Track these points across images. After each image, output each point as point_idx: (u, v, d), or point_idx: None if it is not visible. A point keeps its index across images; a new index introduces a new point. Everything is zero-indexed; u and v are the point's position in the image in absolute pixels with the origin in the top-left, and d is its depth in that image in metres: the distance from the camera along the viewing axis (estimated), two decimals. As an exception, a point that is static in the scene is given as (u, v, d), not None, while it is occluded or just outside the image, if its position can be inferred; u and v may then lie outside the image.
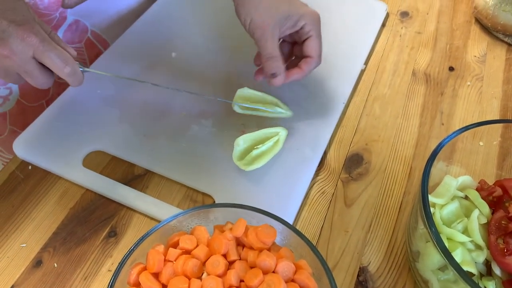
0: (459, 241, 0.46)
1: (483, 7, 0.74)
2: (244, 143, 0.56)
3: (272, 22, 0.54)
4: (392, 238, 0.52)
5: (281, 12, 0.54)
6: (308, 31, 0.55)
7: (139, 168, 0.56)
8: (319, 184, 0.56)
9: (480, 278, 0.46)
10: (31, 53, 0.46)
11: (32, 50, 0.46)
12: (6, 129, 0.68)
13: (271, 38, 0.54)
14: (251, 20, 0.55)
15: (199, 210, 0.43)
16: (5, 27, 0.45)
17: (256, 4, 0.54)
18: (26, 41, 0.45)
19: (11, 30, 0.45)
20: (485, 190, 0.51)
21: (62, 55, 0.48)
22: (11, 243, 0.51)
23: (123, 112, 0.61)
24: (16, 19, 0.45)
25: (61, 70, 0.48)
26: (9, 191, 0.55)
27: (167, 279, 0.39)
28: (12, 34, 0.45)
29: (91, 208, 0.54)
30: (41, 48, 0.46)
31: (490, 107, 0.65)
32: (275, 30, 0.54)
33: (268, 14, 0.54)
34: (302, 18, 0.55)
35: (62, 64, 0.48)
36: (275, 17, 0.54)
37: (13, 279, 0.48)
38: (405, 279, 0.49)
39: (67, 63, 0.48)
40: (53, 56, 0.47)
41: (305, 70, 0.56)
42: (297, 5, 0.56)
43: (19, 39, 0.45)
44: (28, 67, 0.47)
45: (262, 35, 0.54)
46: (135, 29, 0.72)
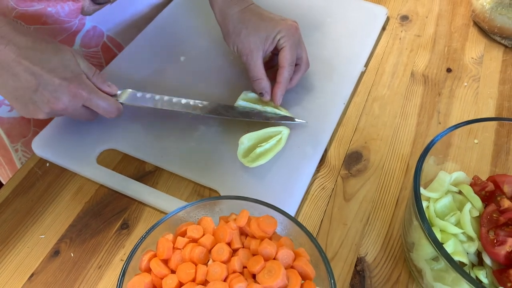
0: (451, 233, 0.48)
1: (481, 11, 0.77)
2: (248, 141, 0.59)
3: (255, 47, 0.60)
4: (389, 231, 0.55)
5: (261, 36, 0.60)
6: (282, 42, 0.61)
7: (149, 165, 0.60)
8: (319, 180, 0.59)
9: (472, 268, 0.48)
10: (80, 104, 0.54)
11: (82, 102, 0.54)
12: (30, 131, 0.73)
13: (255, 62, 0.61)
14: (237, 47, 0.62)
15: (205, 202, 0.46)
16: (57, 86, 0.52)
17: (238, 33, 0.61)
18: (76, 97, 0.53)
19: (63, 88, 0.52)
20: (478, 185, 0.53)
21: (106, 102, 0.56)
22: (30, 235, 0.54)
23: (134, 113, 0.64)
24: (66, 76, 0.52)
25: (107, 115, 0.57)
26: (28, 186, 0.59)
27: (175, 265, 0.42)
28: (64, 92, 0.52)
29: (104, 202, 0.57)
30: (88, 102, 0.55)
31: (486, 106, 0.67)
32: (258, 53, 0.61)
33: (250, 40, 0.60)
34: (278, 34, 0.61)
35: (107, 112, 0.57)
36: (256, 42, 0.60)
37: (33, 267, 0.52)
38: (401, 268, 0.52)
39: (111, 109, 0.57)
40: (99, 105, 0.56)
41: (281, 81, 0.61)
42: (274, 22, 0.62)
43: (70, 96, 0.53)
44: (78, 112, 0.56)
45: (247, 60, 0.61)
46: (146, 34, 0.75)
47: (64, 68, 0.52)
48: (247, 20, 0.61)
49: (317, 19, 0.78)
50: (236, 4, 0.62)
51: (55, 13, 0.62)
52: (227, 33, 0.63)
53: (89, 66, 0.56)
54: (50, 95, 0.52)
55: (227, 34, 0.63)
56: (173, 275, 0.42)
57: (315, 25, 0.77)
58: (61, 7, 0.62)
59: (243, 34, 0.61)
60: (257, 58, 0.61)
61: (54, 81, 0.51)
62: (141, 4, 0.79)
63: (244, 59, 0.62)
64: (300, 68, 0.64)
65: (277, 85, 0.62)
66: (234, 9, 0.62)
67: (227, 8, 0.62)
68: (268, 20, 0.62)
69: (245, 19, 0.61)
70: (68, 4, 0.63)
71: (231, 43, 0.63)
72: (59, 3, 0.62)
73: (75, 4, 0.63)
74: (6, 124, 0.71)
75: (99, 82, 0.57)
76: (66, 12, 0.63)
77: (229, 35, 0.63)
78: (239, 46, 0.62)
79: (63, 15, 0.64)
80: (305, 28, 0.71)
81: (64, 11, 0.63)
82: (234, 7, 0.62)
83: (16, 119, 0.71)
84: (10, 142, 0.72)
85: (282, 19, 0.63)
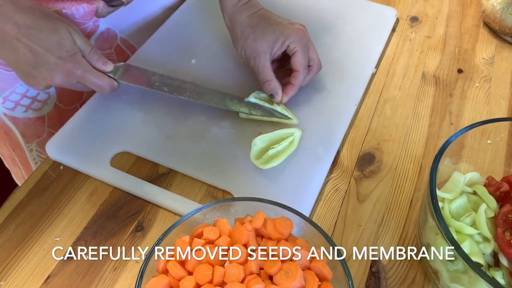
0: (467, 234, 0.48)
1: (491, 11, 0.77)
2: (261, 143, 0.59)
3: (262, 51, 0.61)
4: (404, 232, 0.54)
5: (268, 39, 0.61)
6: (293, 47, 0.61)
7: (163, 168, 0.60)
8: (332, 181, 0.59)
9: (488, 269, 0.48)
10: (75, 81, 0.57)
11: (76, 80, 0.56)
12: (45, 131, 0.73)
13: (263, 64, 0.61)
14: (244, 52, 0.63)
15: (221, 203, 0.47)
16: (53, 65, 0.54)
17: (246, 38, 0.62)
18: (70, 75, 0.55)
19: (58, 67, 0.54)
20: (492, 186, 0.53)
21: (100, 80, 0.58)
22: (46, 237, 0.55)
23: (147, 116, 0.65)
24: (62, 55, 0.54)
25: (100, 92, 0.59)
26: (43, 189, 0.59)
27: (192, 267, 0.42)
28: (59, 70, 0.55)
29: (119, 204, 0.57)
30: (83, 80, 0.57)
31: (498, 107, 0.67)
32: (265, 56, 0.61)
33: (257, 44, 0.61)
34: (287, 39, 0.61)
35: (101, 89, 0.59)
36: (264, 45, 0.61)
37: (49, 270, 0.52)
38: (416, 270, 0.52)
39: (105, 86, 0.58)
40: (93, 83, 0.57)
41: (296, 84, 0.62)
42: (282, 26, 0.62)
43: (64, 74, 0.55)
44: (74, 86, 0.59)
45: (255, 63, 0.62)
46: (158, 37, 0.76)
47: (59, 47, 0.54)
48: (255, 25, 0.62)
49: (327, 21, 0.78)
50: (245, 10, 0.63)
51: (70, 14, 0.63)
52: (236, 38, 0.64)
53: (86, 42, 0.57)
54: (46, 72, 0.54)
55: (236, 39, 0.64)
56: (190, 277, 0.42)
57: (325, 27, 0.77)
58: (75, 9, 0.63)
59: (250, 38, 0.62)
60: (265, 61, 0.61)
61: (50, 59, 0.53)
62: (154, 7, 0.79)
63: (252, 63, 0.62)
64: (312, 69, 0.64)
65: (290, 86, 0.62)
66: (243, 15, 0.63)
67: (236, 14, 0.63)
68: (275, 24, 0.62)
69: (253, 24, 0.62)
70: (82, 6, 0.64)
71: (239, 47, 0.64)
72: (74, 5, 0.63)
73: (90, 6, 0.64)
74: (21, 125, 0.72)
75: (94, 59, 0.58)
76: (80, 14, 0.64)
77: (238, 40, 0.63)
78: (246, 51, 0.62)
79: (77, 17, 0.64)
80: (315, 30, 0.71)
81: (79, 13, 0.64)
82: (243, 13, 0.63)
83: (31, 119, 0.72)
84: (25, 142, 0.73)
85: (290, 23, 0.63)
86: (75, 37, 0.56)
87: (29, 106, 0.71)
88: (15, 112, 0.70)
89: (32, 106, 0.71)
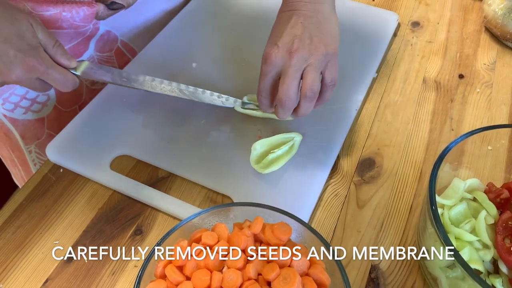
0: (466, 240, 0.48)
1: (493, 17, 0.76)
2: (261, 147, 0.59)
3: None
4: (403, 238, 0.54)
5: None
6: None
7: (162, 171, 0.60)
8: (332, 186, 0.59)
9: (488, 276, 0.48)
10: (35, 77, 0.52)
11: (36, 75, 0.52)
12: (44, 133, 0.73)
13: None
14: None
15: (219, 208, 0.46)
16: (12, 57, 0.49)
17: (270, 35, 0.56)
18: (31, 70, 0.51)
19: (18, 60, 0.49)
20: (492, 193, 0.52)
21: (62, 76, 0.54)
22: (45, 240, 0.55)
23: (147, 119, 0.65)
24: (22, 48, 0.50)
25: (62, 89, 0.55)
26: (43, 192, 0.59)
27: (190, 272, 0.42)
28: (19, 64, 0.50)
29: (118, 208, 0.57)
30: (44, 75, 0.52)
31: (499, 113, 0.67)
32: None
33: None
34: None
35: (63, 86, 0.54)
36: None
37: (48, 273, 0.52)
38: (415, 276, 0.51)
39: (67, 83, 0.54)
40: (55, 79, 0.53)
41: None
42: None
43: (24, 69, 0.50)
44: (33, 85, 0.53)
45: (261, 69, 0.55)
46: (159, 40, 0.76)
47: (19, 38, 0.49)
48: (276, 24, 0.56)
49: (328, 26, 0.78)
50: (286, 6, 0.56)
51: (70, 17, 0.63)
52: None
53: (48, 35, 0.53)
54: (3, 66, 0.49)
55: None
56: (188, 282, 0.42)
57: (326, 31, 0.77)
58: (76, 12, 0.63)
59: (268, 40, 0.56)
60: None
61: (8, 52, 0.49)
62: (155, 10, 0.79)
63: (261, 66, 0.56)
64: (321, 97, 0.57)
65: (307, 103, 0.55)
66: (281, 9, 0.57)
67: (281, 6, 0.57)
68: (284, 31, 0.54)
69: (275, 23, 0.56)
70: (83, 9, 0.64)
71: None
72: (74, 8, 0.63)
73: (90, 9, 0.64)
74: (20, 126, 0.72)
75: (58, 54, 0.54)
76: (81, 17, 0.64)
77: None
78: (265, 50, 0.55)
79: (78, 19, 0.64)
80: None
81: (79, 15, 0.64)
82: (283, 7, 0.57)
83: (30, 121, 0.72)
84: (24, 144, 0.73)
85: None
86: (36, 30, 0.51)
87: (28, 108, 0.71)
88: (14, 114, 0.71)
89: (31, 108, 0.71)
